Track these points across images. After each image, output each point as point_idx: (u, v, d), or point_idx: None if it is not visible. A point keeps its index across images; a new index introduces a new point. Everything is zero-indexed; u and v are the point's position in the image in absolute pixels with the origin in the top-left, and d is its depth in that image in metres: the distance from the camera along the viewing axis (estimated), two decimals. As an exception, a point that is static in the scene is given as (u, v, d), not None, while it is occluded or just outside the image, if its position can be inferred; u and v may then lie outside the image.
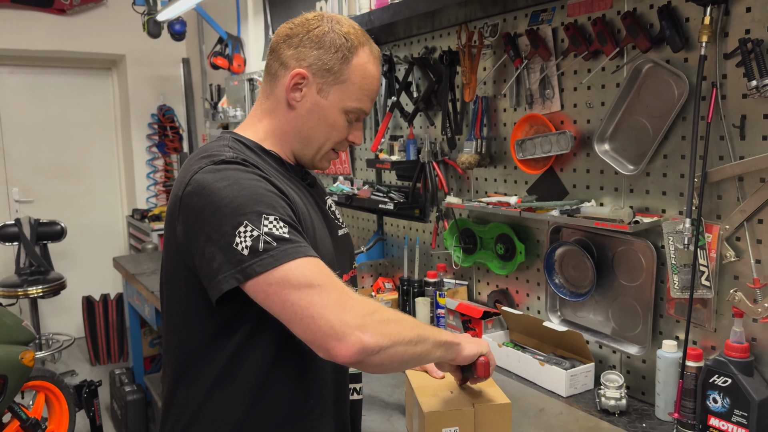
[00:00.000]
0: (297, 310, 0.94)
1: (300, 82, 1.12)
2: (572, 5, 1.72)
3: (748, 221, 1.38)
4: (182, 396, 1.13)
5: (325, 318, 0.93)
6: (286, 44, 1.13)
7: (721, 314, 1.45)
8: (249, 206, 0.97)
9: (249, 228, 0.96)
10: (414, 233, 2.48)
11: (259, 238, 0.95)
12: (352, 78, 1.13)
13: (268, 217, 0.97)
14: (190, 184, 1.02)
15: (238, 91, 3.90)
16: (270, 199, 1.00)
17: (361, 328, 0.93)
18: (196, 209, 1.00)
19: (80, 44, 4.64)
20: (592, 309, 1.79)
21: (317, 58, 1.11)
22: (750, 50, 1.31)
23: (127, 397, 3.43)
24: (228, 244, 0.96)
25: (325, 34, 1.11)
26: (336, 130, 1.17)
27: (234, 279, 0.96)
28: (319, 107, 1.14)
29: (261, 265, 0.95)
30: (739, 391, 1.33)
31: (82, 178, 5.10)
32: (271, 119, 1.17)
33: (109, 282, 5.10)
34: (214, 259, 0.98)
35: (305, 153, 1.19)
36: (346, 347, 0.93)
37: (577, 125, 1.76)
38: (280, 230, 0.97)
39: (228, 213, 0.97)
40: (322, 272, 0.97)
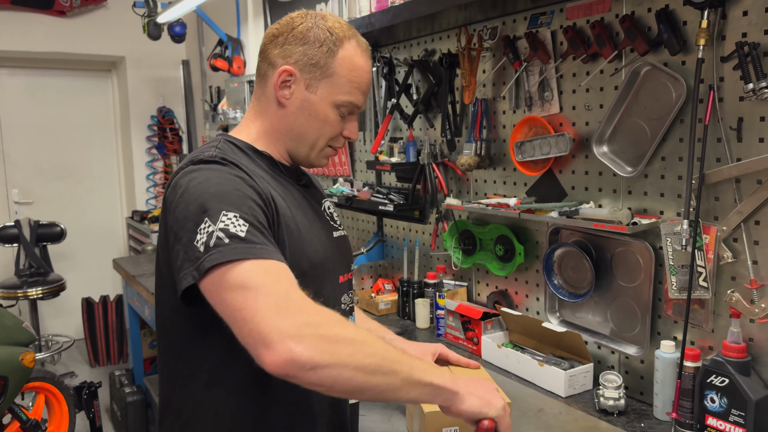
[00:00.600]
0: (232, 311, 0.90)
1: (288, 79, 1.13)
2: (571, 8, 1.73)
3: (745, 223, 1.39)
4: (179, 394, 1.14)
5: (254, 322, 0.86)
6: (273, 44, 1.14)
7: (719, 315, 1.47)
8: (212, 203, 0.97)
9: (207, 224, 0.95)
10: (414, 234, 2.49)
11: (212, 234, 0.93)
12: (339, 71, 1.13)
13: (227, 214, 0.95)
14: (170, 186, 1.06)
15: (237, 92, 3.91)
16: (236, 197, 0.99)
17: (294, 338, 0.85)
18: (170, 209, 1.02)
19: (80, 46, 4.65)
20: (591, 310, 1.81)
21: (303, 53, 1.11)
22: (747, 53, 1.32)
23: (127, 398, 3.43)
24: (189, 241, 0.95)
25: (309, 29, 1.12)
26: (328, 124, 1.16)
27: (191, 276, 0.94)
28: (309, 103, 1.14)
29: (208, 260, 0.92)
30: (737, 390, 1.34)
31: (81, 180, 5.11)
32: (263, 119, 1.18)
33: (108, 283, 5.11)
34: (178, 257, 0.97)
35: (299, 150, 1.19)
36: (273, 355, 0.84)
37: (576, 127, 1.78)
38: (236, 228, 0.94)
39: (192, 210, 0.97)
40: (268, 275, 0.91)
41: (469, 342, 2.02)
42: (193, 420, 1.12)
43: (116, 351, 4.72)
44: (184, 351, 1.12)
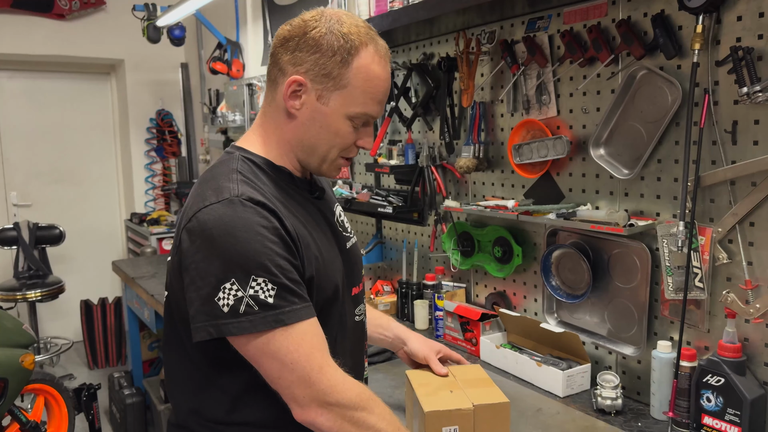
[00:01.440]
0: (267, 376, 1.02)
1: (298, 89, 1.06)
2: (568, 13, 1.76)
3: (740, 224, 1.41)
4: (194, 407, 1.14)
5: (290, 389, 1.01)
6: (284, 48, 1.07)
7: (714, 315, 1.48)
8: (239, 264, 0.96)
9: (234, 287, 0.96)
10: (412, 236, 2.50)
11: (242, 300, 0.96)
12: (353, 82, 1.05)
13: (257, 279, 0.96)
14: (192, 220, 1.01)
15: (237, 95, 3.93)
16: (265, 257, 0.97)
17: (322, 408, 1.01)
18: (191, 249, 1.00)
19: (79, 49, 4.66)
20: (588, 310, 1.82)
21: (315, 62, 1.04)
22: (741, 58, 1.34)
23: (126, 400, 3.44)
24: (210, 296, 0.97)
25: (322, 36, 1.03)
26: (340, 137, 1.10)
27: (206, 332, 0.98)
28: (321, 114, 1.07)
29: (238, 328, 0.97)
30: (732, 390, 1.36)
31: (80, 183, 5.11)
32: (274, 128, 1.13)
33: (107, 286, 5.11)
34: (192, 304, 1.00)
35: (310, 162, 1.14)
36: (302, 415, 1.02)
37: (573, 130, 1.80)
38: (265, 294, 0.97)
39: (217, 266, 0.97)
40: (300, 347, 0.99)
41: (468, 343, 2.04)
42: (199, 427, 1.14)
43: (115, 353, 4.73)
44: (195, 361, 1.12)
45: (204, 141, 4.79)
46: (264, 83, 3.58)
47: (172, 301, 1.13)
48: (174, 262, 1.08)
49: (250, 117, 3.73)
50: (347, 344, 1.20)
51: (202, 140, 4.87)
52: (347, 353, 1.19)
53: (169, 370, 1.19)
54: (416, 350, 1.44)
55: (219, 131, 4.22)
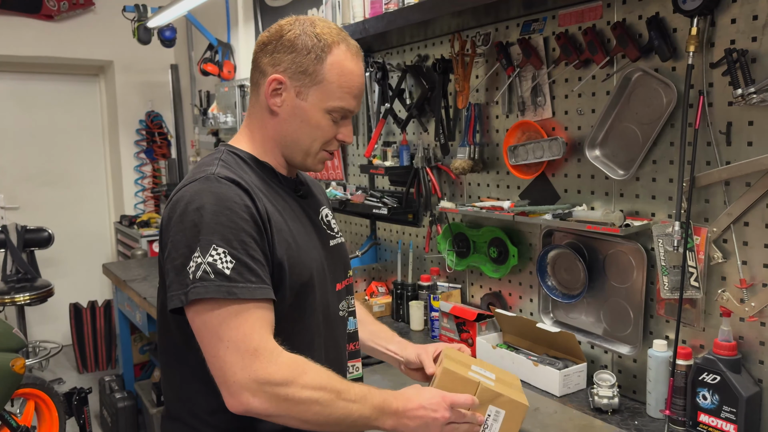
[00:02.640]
0: (204, 349, 1.02)
1: (278, 87, 1.14)
2: (563, 15, 1.77)
3: (734, 224, 1.43)
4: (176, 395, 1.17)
5: (222, 371, 1.00)
6: (263, 52, 1.15)
7: (710, 314, 1.50)
8: (204, 233, 1.01)
9: (197, 254, 1.01)
10: (407, 238, 2.51)
11: (200, 266, 1.00)
12: (328, 77, 1.13)
13: (217, 249, 1.01)
14: (171, 200, 1.08)
15: (228, 97, 3.92)
16: (228, 230, 1.02)
17: (252, 392, 0.99)
18: (168, 225, 1.06)
19: (68, 50, 4.62)
20: (584, 310, 1.84)
21: (291, 61, 1.12)
22: (735, 60, 1.36)
23: (117, 404, 3.41)
24: (183, 265, 1.01)
25: (297, 36, 1.12)
26: (320, 130, 1.17)
27: (179, 300, 1.02)
28: (300, 110, 1.15)
29: (193, 293, 1.00)
30: (728, 387, 1.38)
31: (69, 185, 5.07)
32: (259, 127, 1.20)
33: (96, 289, 5.07)
34: (168, 276, 1.04)
35: (294, 157, 1.20)
36: (233, 402, 1.00)
37: (568, 132, 1.81)
38: (223, 264, 1.00)
39: (188, 235, 1.02)
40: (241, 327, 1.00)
41: (464, 343, 2.04)
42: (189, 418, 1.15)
43: (104, 357, 4.69)
44: (181, 353, 1.14)
45: (194, 143, 4.77)
46: (256, 85, 3.57)
47: (162, 287, 1.16)
48: (160, 246, 1.13)
49: (242, 118, 3.72)
50: (329, 336, 1.23)
51: (192, 142, 4.84)
52: (329, 345, 1.23)
53: (161, 362, 1.22)
54: (408, 356, 1.41)
55: (210, 133, 4.20)
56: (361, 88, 1.19)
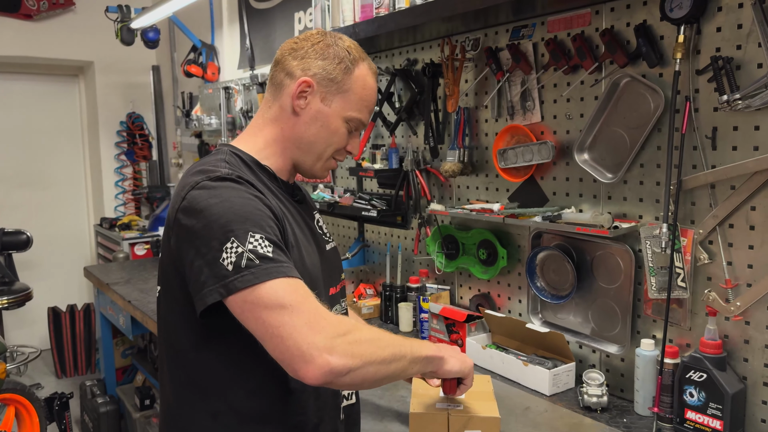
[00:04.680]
0: (268, 329, 0.97)
1: (306, 90, 1.18)
2: (552, 21, 1.81)
3: (720, 226, 1.47)
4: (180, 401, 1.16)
5: (293, 339, 0.95)
6: (292, 56, 1.20)
7: (696, 313, 1.55)
8: (237, 223, 1.01)
9: (235, 244, 0.99)
10: (396, 240, 2.53)
11: (242, 255, 0.99)
12: (353, 88, 1.19)
13: (254, 235, 1.01)
14: (186, 199, 1.07)
15: (212, 99, 3.90)
16: (258, 217, 1.04)
17: (329, 350, 0.95)
18: (189, 224, 1.04)
19: (47, 50, 4.55)
20: (572, 311, 1.87)
21: (322, 68, 1.17)
22: (721, 67, 1.41)
23: (99, 408, 3.36)
24: (215, 258, 1.00)
25: (328, 46, 1.19)
26: (337, 136, 1.21)
27: (218, 293, 0.99)
28: (322, 114, 1.19)
29: (242, 281, 0.98)
30: (714, 385, 1.42)
31: (47, 187, 4.99)
32: (273, 127, 1.22)
33: (74, 292, 4.99)
34: (201, 273, 1.01)
35: (305, 160, 1.23)
36: (313, 369, 0.95)
37: (557, 135, 1.85)
38: (264, 249, 1.00)
39: (217, 229, 1.01)
40: (297, 293, 1.00)
41: (454, 344, 2.07)
42: (190, 425, 1.15)
43: (84, 361, 4.62)
44: (188, 360, 1.14)
45: (176, 144, 4.74)
46: (242, 86, 3.56)
47: (168, 292, 1.15)
48: (167, 251, 1.12)
49: (227, 120, 3.70)
50: None
51: (174, 144, 4.80)
52: None
53: (163, 362, 1.21)
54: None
55: (193, 134, 4.18)
56: (375, 104, 1.27)
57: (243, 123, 3.54)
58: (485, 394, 1.39)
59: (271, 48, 3.42)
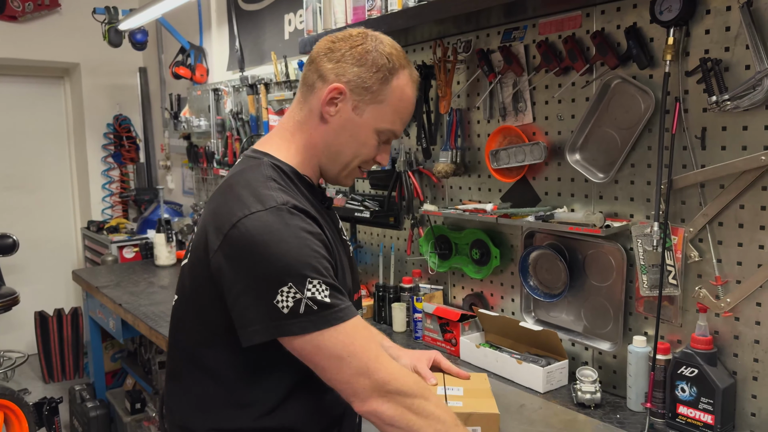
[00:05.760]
0: (327, 375, 1.04)
1: (337, 96, 1.12)
2: (544, 24, 1.83)
3: (709, 224, 1.50)
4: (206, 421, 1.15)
5: (350, 384, 1.03)
6: (327, 57, 1.13)
7: (686, 310, 1.58)
8: (294, 268, 0.99)
9: (293, 290, 0.99)
10: (388, 241, 2.54)
11: (300, 301, 0.99)
12: (389, 99, 1.13)
13: (312, 281, 1.00)
14: (238, 227, 1.02)
15: (201, 100, 3.89)
16: (315, 260, 1.02)
17: (384, 398, 1.03)
18: (242, 256, 1.01)
19: (32, 52, 4.51)
20: (565, 309, 1.90)
21: (357, 75, 1.11)
22: (710, 68, 1.44)
23: (89, 413, 3.34)
24: (269, 299, 0.99)
25: (368, 52, 1.11)
26: (366, 148, 1.16)
27: (268, 333, 1.01)
28: (352, 124, 1.13)
29: (299, 327, 1.00)
30: (705, 380, 1.45)
31: (33, 190, 4.94)
32: (302, 132, 1.17)
33: (61, 296, 4.95)
34: (248, 309, 1.01)
35: (331, 168, 1.19)
36: (363, 406, 1.04)
37: (549, 136, 1.87)
38: (322, 295, 1.00)
39: (273, 271, 0.99)
40: (356, 340, 1.02)
41: (448, 343, 2.09)
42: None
43: (71, 366, 4.58)
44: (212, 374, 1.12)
45: (164, 146, 4.71)
46: (231, 88, 3.56)
47: (189, 305, 1.13)
48: (202, 266, 1.07)
49: (216, 122, 3.70)
50: None
51: (162, 146, 4.78)
52: None
53: (177, 376, 1.19)
54: (404, 365, 1.44)
55: (182, 136, 4.16)
56: (411, 115, 1.20)
57: (233, 125, 3.53)
58: (483, 392, 1.40)
59: (261, 49, 3.42)
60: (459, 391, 1.39)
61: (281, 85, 3.07)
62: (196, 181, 4.25)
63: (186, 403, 1.17)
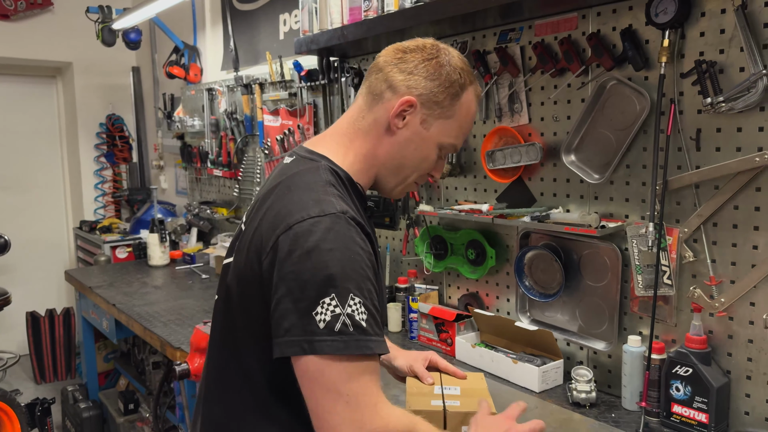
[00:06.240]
0: (317, 409, 0.96)
1: (407, 109, 1.09)
2: (540, 25, 1.84)
3: (704, 225, 1.52)
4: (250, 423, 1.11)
5: (336, 426, 0.94)
6: (398, 68, 1.09)
7: (681, 310, 1.59)
8: (341, 280, 0.94)
9: (334, 302, 0.94)
10: (384, 241, 2.54)
11: (339, 317, 0.93)
12: (457, 115, 1.12)
13: (355, 298, 0.95)
14: (294, 229, 0.98)
15: (195, 100, 3.88)
16: (361, 278, 0.97)
17: None
18: (291, 258, 0.97)
19: (25, 51, 4.48)
20: (560, 309, 1.91)
21: (429, 89, 1.08)
22: (705, 70, 1.46)
23: (82, 414, 3.32)
24: (308, 309, 0.94)
25: (441, 66, 1.09)
26: (427, 162, 1.15)
27: (299, 348, 0.94)
28: (419, 137, 1.11)
29: (330, 347, 0.93)
30: (699, 379, 1.47)
31: (25, 190, 4.90)
32: (364, 141, 1.13)
33: (53, 297, 4.91)
34: (286, 317, 0.96)
35: (389, 180, 1.16)
36: None
37: (544, 137, 1.88)
38: (359, 316, 0.95)
39: (320, 278, 0.94)
40: (362, 381, 0.95)
41: (443, 343, 2.09)
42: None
43: (63, 366, 4.55)
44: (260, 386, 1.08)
45: (157, 146, 4.69)
46: (225, 88, 3.55)
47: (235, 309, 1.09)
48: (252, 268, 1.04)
49: (210, 122, 3.69)
50: None
51: (155, 145, 4.76)
52: None
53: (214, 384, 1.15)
54: (401, 365, 1.43)
55: (175, 136, 4.15)
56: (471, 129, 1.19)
57: (228, 124, 3.52)
58: (480, 391, 1.41)
59: (256, 49, 3.41)
60: (456, 391, 1.39)
61: (276, 85, 3.07)
62: (190, 181, 4.23)
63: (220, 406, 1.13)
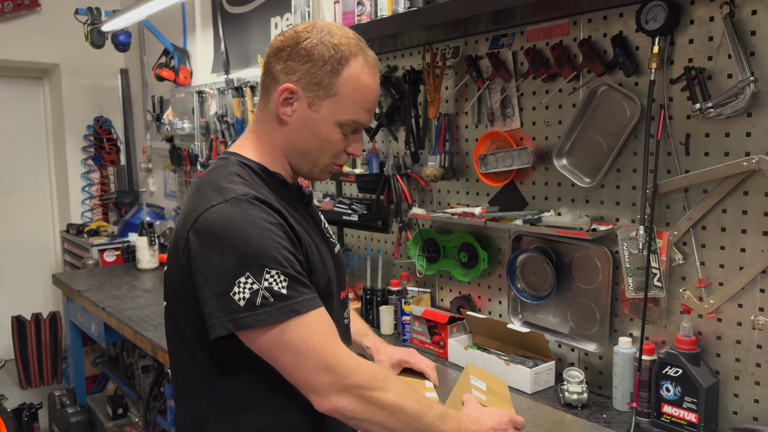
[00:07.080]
0: (284, 369, 1.02)
1: (289, 96, 1.11)
2: (531, 31, 1.87)
3: (693, 228, 1.55)
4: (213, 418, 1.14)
5: (308, 380, 1.01)
6: (276, 58, 1.12)
7: (671, 311, 1.62)
8: (252, 258, 0.99)
9: (250, 280, 0.98)
10: (376, 244, 2.55)
11: (257, 292, 0.98)
12: (343, 91, 1.10)
13: (270, 271, 0.99)
14: (198, 221, 1.03)
15: (185, 103, 3.87)
16: (275, 250, 1.01)
17: (342, 393, 1.01)
18: (201, 248, 1.01)
19: (11, 52, 4.44)
20: (551, 311, 1.93)
21: (306, 72, 1.09)
22: (693, 77, 1.49)
23: (70, 419, 3.29)
24: (225, 291, 0.99)
25: (314, 46, 1.08)
26: (330, 143, 1.14)
27: (224, 327, 0.99)
28: (311, 121, 1.11)
29: (255, 320, 0.98)
30: (689, 379, 1.49)
31: (10, 192, 4.85)
32: (266, 134, 1.17)
33: (38, 301, 4.87)
34: (206, 303, 1.01)
35: (302, 166, 1.18)
36: (323, 403, 1.02)
37: (536, 141, 1.91)
38: (279, 285, 0.99)
39: (231, 261, 0.99)
40: (314, 335, 1.01)
41: (436, 346, 2.11)
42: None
43: (50, 371, 4.50)
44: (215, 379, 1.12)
45: (146, 149, 4.67)
46: (216, 91, 3.55)
47: (175, 309, 1.14)
48: (176, 267, 1.09)
49: (200, 124, 3.68)
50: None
51: (143, 148, 4.74)
52: None
53: (177, 383, 1.19)
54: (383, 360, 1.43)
55: (165, 139, 4.13)
56: (376, 101, 1.17)
57: (218, 127, 3.52)
58: (503, 396, 1.41)
59: (246, 52, 3.42)
60: (482, 386, 1.39)
61: (267, 88, 3.07)
62: (179, 183, 4.22)
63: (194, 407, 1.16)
